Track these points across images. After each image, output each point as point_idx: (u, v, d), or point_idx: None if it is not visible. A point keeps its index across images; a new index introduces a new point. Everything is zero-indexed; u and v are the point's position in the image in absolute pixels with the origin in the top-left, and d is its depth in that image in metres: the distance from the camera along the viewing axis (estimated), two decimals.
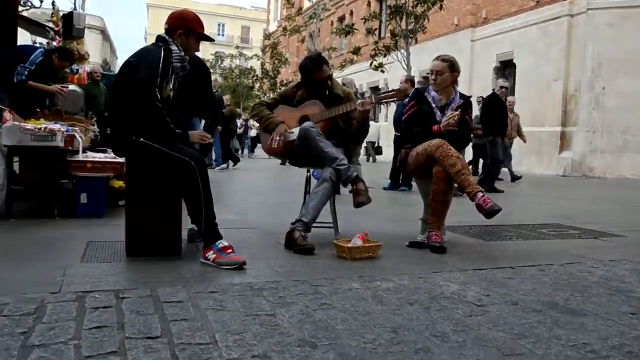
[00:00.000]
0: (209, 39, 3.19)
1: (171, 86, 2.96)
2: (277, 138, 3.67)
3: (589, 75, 13.06)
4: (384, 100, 3.68)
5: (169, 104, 2.91)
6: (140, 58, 2.89)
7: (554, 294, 2.43)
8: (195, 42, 3.07)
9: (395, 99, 3.65)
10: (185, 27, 3.01)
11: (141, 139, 2.85)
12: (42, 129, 4.02)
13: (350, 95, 3.87)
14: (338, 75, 11.87)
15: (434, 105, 3.61)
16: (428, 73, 3.71)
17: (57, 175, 4.41)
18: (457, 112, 3.44)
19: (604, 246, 3.77)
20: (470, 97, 3.76)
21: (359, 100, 3.59)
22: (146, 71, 2.80)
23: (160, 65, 2.82)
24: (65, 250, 3.07)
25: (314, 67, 3.73)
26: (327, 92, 3.81)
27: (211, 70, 5.51)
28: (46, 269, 2.59)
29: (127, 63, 2.93)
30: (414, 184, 7.77)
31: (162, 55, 2.86)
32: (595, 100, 12.93)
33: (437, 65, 3.60)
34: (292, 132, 3.67)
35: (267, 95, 22.20)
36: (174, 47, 2.95)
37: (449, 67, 3.58)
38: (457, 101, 3.62)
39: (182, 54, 2.98)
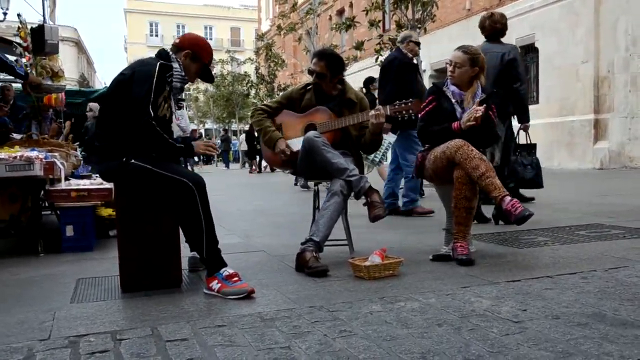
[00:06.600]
0: (210, 78, 3.27)
1: (167, 105, 3.02)
2: (282, 156, 3.75)
3: (622, 54, 13.02)
4: (398, 113, 3.63)
5: (164, 123, 2.96)
6: (134, 71, 2.95)
7: (600, 304, 2.43)
8: (195, 71, 3.15)
9: (411, 111, 3.61)
10: (194, 51, 3.10)
11: (132, 161, 2.89)
12: (18, 157, 4.05)
13: (364, 102, 3.88)
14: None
15: (453, 100, 3.62)
16: (447, 63, 3.69)
17: (38, 208, 4.46)
18: (481, 107, 3.44)
19: None
20: (494, 90, 3.76)
21: (372, 112, 3.56)
22: (141, 86, 2.85)
23: (154, 80, 2.87)
24: (53, 290, 3.10)
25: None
26: (338, 95, 3.84)
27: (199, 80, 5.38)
28: (33, 312, 2.62)
29: (120, 77, 2.98)
30: (426, 189, 7.79)
31: (156, 69, 2.91)
32: (632, 82, 12.87)
33: (457, 57, 3.59)
34: (297, 141, 3.70)
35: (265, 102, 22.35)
36: (175, 65, 3.04)
37: (470, 61, 3.56)
38: (479, 96, 3.62)
39: (183, 74, 3.07)
